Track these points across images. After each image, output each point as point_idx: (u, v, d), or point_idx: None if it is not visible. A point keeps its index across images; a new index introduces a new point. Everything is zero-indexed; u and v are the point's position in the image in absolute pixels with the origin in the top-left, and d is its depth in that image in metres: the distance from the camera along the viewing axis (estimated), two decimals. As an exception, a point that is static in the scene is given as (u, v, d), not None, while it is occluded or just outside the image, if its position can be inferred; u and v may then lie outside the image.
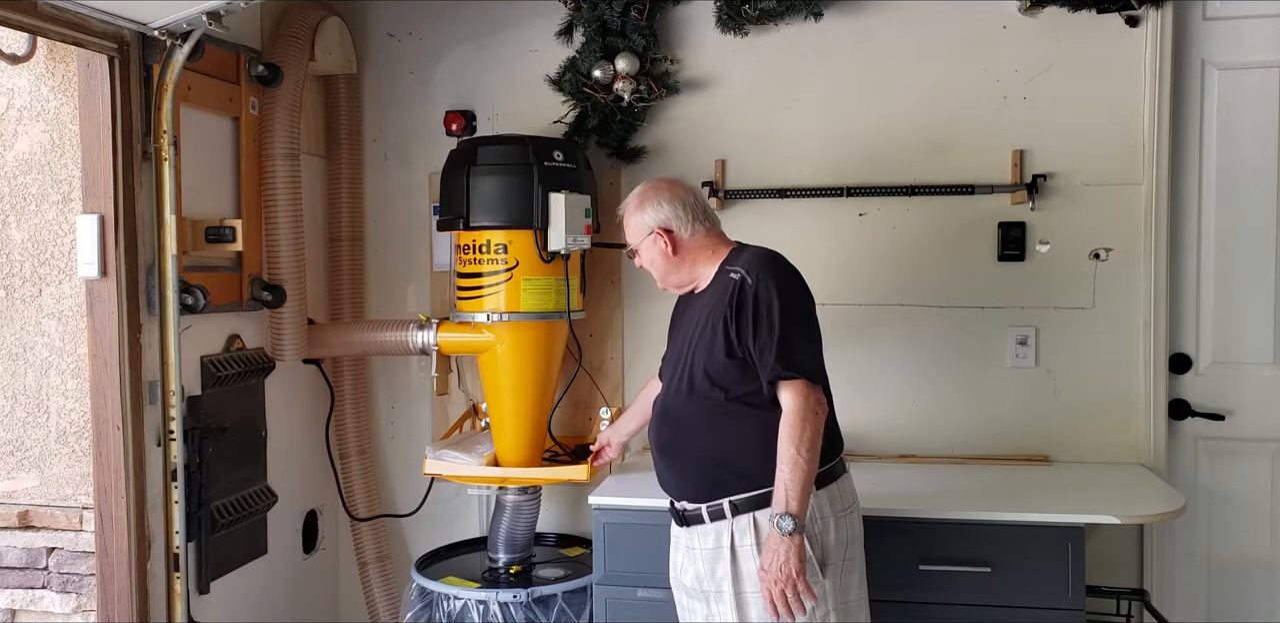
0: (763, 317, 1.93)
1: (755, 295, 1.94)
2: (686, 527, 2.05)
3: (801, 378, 1.93)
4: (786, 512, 1.87)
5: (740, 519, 1.96)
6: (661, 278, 2.15)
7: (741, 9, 2.77)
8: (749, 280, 1.96)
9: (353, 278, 3.07)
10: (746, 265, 1.99)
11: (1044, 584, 2.23)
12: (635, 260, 2.17)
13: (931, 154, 2.78)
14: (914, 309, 2.80)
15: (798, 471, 1.87)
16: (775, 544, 1.88)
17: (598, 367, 2.99)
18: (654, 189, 2.13)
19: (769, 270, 1.98)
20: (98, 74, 2.23)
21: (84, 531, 2.72)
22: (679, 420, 2.06)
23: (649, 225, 2.10)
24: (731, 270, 2.01)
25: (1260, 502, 2.72)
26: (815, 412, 1.92)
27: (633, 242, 2.15)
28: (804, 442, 1.89)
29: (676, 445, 2.06)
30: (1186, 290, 2.73)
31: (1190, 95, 2.71)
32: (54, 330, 2.82)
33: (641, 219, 2.11)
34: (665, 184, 2.14)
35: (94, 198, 2.24)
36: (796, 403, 1.91)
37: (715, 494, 1.99)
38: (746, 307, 1.94)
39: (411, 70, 3.09)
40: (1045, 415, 2.75)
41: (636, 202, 2.13)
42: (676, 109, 2.91)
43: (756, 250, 2.08)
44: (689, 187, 2.16)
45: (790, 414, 1.91)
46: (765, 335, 1.93)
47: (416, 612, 2.72)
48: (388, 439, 3.18)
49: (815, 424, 1.91)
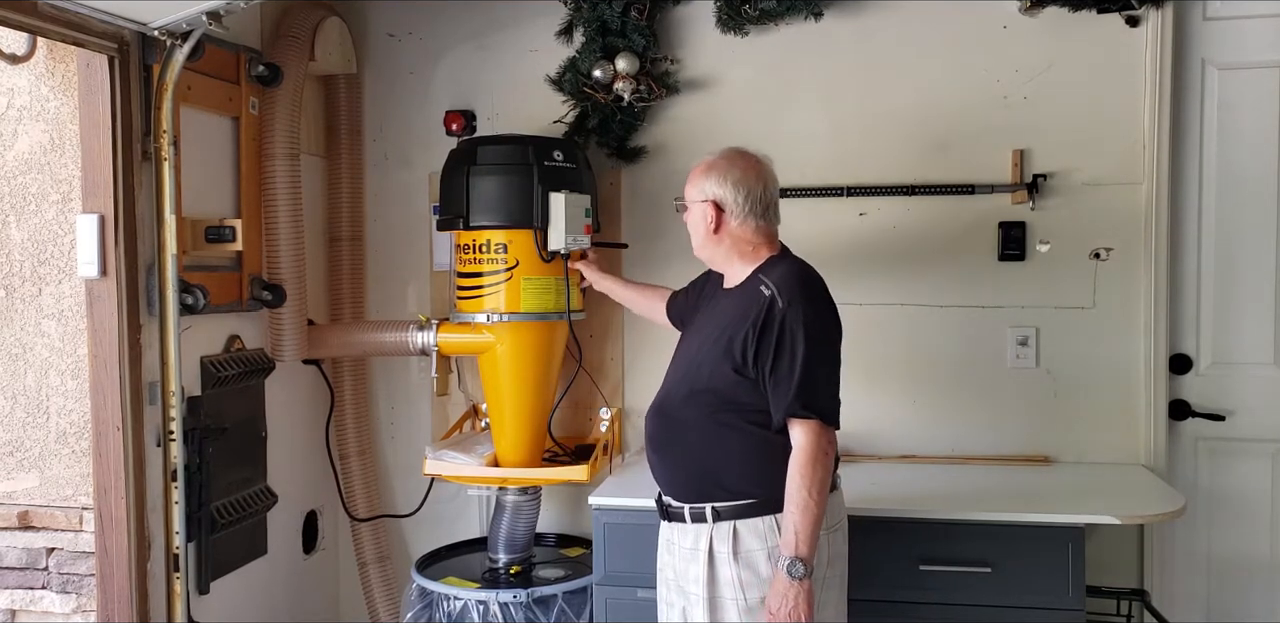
0: (785, 347, 1.86)
1: (782, 322, 1.86)
2: (669, 522, 2.05)
3: (817, 418, 1.86)
4: (797, 556, 1.82)
5: (721, 526, 1.93)
6: (696, 246, 2.08)
7: (741, 9, 2.77)
8: (779, 302, 1.87)
9: (353, 278, 3.07)
10: (780, 283, 1.91)
11: (1044, 585, 2.23)
12: (683, 215, 2.10)
13: (932, 154, 2.78)
14: (914, 309, 2.80)
15: (808, 514, 1.83)
16: (784, 588, 1.82)
17: (598, 367, 2.99)
18: (729, 162, 2.02)
19: (801, 295, 1.89)
20: (98, 74, 2.22)
21: (84, 531, 2.72)
22: (674, 420, 2.02)
23: (705, 193, 2.01)
24: (764, 283, 1.93)
25: (1260, 502, 2.72)
26: (826, 453, 1.87)
27: (687, 198, 2.07)
28: (814, 484, 1.84)
29: (667, 444, 2.04)
30: (1186, 290, 2.73)
31: (1190, 95, 2.71)
32: (54, 331, 2.82)
33: (703, 184, 2.02)
34: (744, 163, 2.02)
35: (94, 198, 2.24)
36: (809, 443, 1.85)
37: (699, 498, 1.97)
38: (771, 332, 1.86)
39: (411, 70, 3.08)
40: (1045, 416, 2.75)
41: (708, 164, 2.03)
42: (676, 109, 2.91)
43: (793, 266, 1.99)
44: (764, 174, 2.03)
45: (801, 454, 1.85)
46: (785, 368, 1.85)
47: (416, 612, 2.72)
48: (388, 439, 3.18)
49: (826, 465, 1.86)
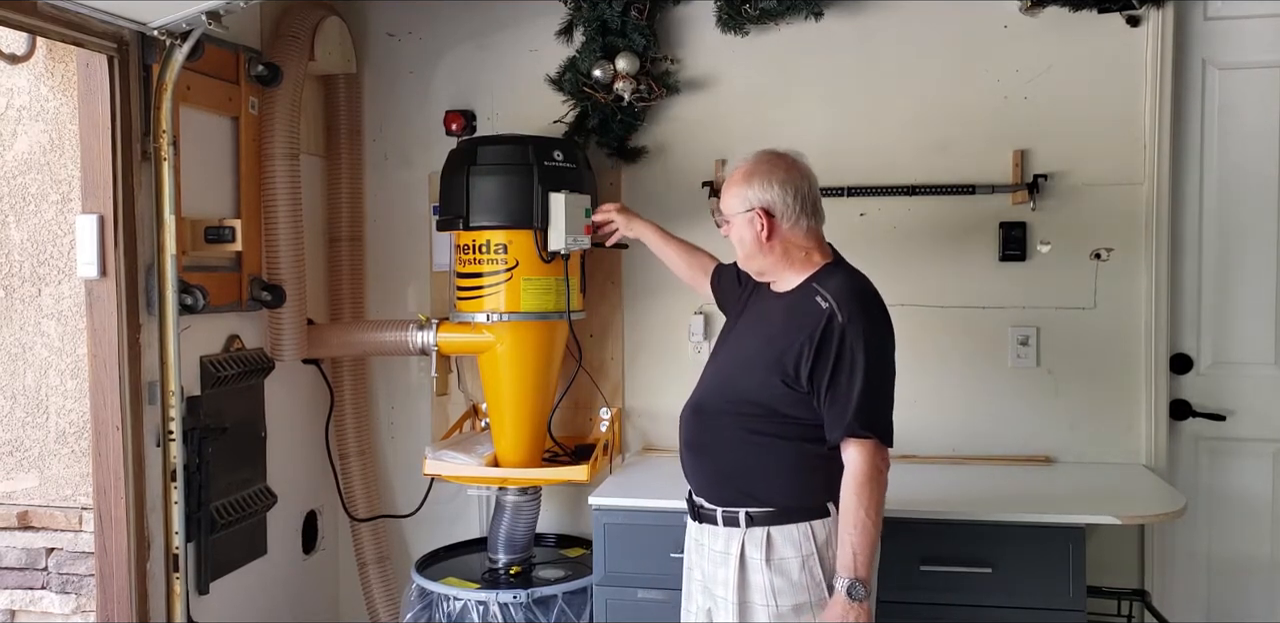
0: (845, 365, 1.82)
1: (842, 338, 1.82)
2: (700, 523, 2.02)
3: (875, 438, 1.83)
4: (856, 578, 1.80)
5: (755, 531, 1.91)
6: (744, 258, 2.00)
7: (742, 9, 2.77)
8: (839, 317, 1.83)
9: (352, 278, 3.07)
10: (838, 296, 1.86)
11: (1045, 585, 2.22)
12: (723, 230, 2.01)
13: (932, 154, 2.77)
14: (915, 309, 2.79)
15: (865, 535, 1.81)
16: (844, 611, 1.81)
17: (598, 367, 2.99)
18: (769, 164, 1.95)
19: (861, 311, 1.85)
20: (97, 74, 2.22)
21: (83, 531, 2.72)
22: (711, 424, 1.98)
23: (751, 202, 1.93)
24: (821, 295, 1.88)
25: (1260, 502, 2.72)
26: (881, 471, 1.84)
27: (727, 211, 1.98)
28: (872, 505, 1.81)
29: (703, 446, 2.00)
30: (1187, 290, 2.73)
31: (1191, 95, 2.71)
32: (53, 331, 2.81)
33: (745, 193, 1.93)
34: (784, 163, 1.95)
35: (93, 198, 2.24)
36: (866, 463, 1.82)
37: (733, 502, 1.95)
38: (830, 348, 1.82)
39: (411, 70, 3.08)
40: (1046, 416, 2.75)
41: (745, 172, 1.95)
42: (676, 109, 2.90)
43: (850, 277, 1.94)
44: (806, 172, 1.97)
45: (858, 475, 1.82)
46: (844, 386, 1.82)
47: (416, 613, 2.71)
48: (388, 439, 3.17)
49: (882, 485, 1.84)
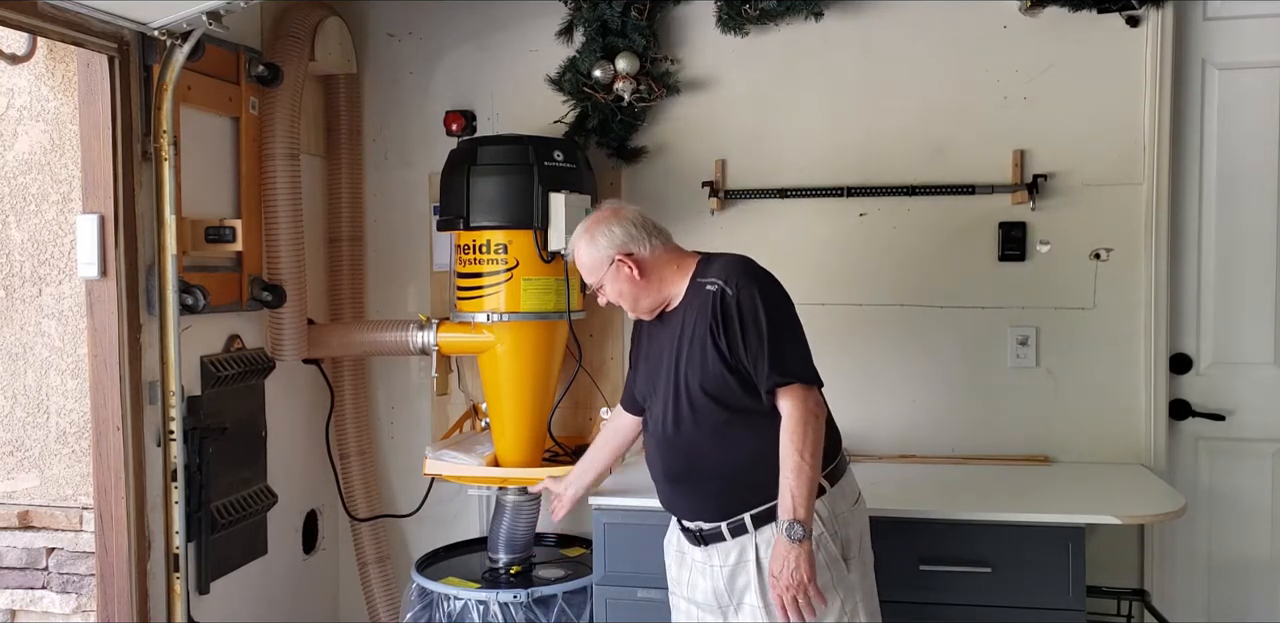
0: (749, 326, 1.90)
1: (738, 305, 1.90)
2: (705, 545, 2.02)
3: (796, 382, 1.91)
4: (795, 519, 1.85)
5: (764, 531, 1.94)
6: (633, 306, 2.06)
7: (742, 9, 2.77)
8: (729, 290, 1.92)
9: (353, 278, 3.07)
10: (723, 275, 1.95)
11: (1044, 585, 2.22)
12: (600, 298, 2.09)
13: (932, 154, 2.77)
14: (914, 309, 2.80)
15: (803, 476, 1.86)
16: (785, 551, 1.86)
17: (598, 367, 2.99)
18: (597, 219, 2.05)
19: (747, 278, 1.94)
20: (98, 74, 2.23)
21: (84, 531, 2.72)
22: (686, 446, 2.00)
23: (608, 254, 2.02)
24: (707, 282, 1.96)
25: (1260, 502, 2.72)
26: (815, 415, 1.90)
27: (593, 278, 2.06)
28: (807, 446, 1.87)
29: (687, 471, 2.02)
30: (1186, 290, 2.73)
31: (1190, 95, 2.71)
32: (54, 331, 2.81)
33: (596, 251, 2.02)
34: (607, 211, 2.07)
35: (94, 198, 2.24)
36: (795, 408, 1.89)
37: (735, 510, 1.96)
38: (732, 318, 1.91)
39: (411, 70, 3.08)
40: (1046, 416, 2.75)
41: (586, 236, 2.04)
42: (676, 109, 2.90)
43: (726, 258, 2.02)
44: (630, 207, 2.09)
45: (790, 420, 1.89)
46: (755, 345, 1.89)
47: (416, 612, 2.71)
48: (388, 439, 3.18)
49: (816, 427, 1.89)
